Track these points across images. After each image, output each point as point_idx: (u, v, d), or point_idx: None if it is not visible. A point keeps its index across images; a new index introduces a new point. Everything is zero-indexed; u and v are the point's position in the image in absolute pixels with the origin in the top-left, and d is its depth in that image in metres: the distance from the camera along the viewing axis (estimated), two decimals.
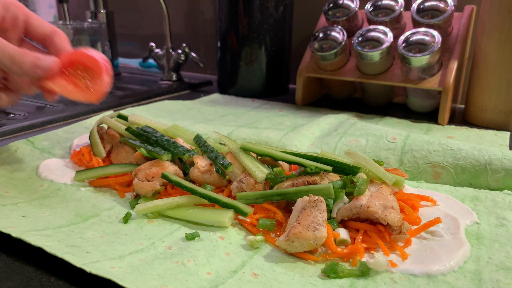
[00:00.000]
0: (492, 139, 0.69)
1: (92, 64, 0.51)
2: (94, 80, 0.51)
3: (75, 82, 0.51)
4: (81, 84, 0.51)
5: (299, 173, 0.47)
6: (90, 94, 0.51)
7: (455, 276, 0.35)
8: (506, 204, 0.47)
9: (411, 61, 0.74)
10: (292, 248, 0.38)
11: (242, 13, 0.93)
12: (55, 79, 0.51)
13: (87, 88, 0.51)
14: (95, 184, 0.51)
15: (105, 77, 0.51)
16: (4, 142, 0.66)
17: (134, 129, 0.56)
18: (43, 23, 0.53)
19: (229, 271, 0.36)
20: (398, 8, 0.82)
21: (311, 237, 0.37)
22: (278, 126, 0.75)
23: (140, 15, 1.39)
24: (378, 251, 0.39)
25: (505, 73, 0.72)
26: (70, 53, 0.52)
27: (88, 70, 0.51)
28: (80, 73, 0.51)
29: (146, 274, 0.34)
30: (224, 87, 1.02)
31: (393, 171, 0.48)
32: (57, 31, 0.53)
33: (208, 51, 1.28)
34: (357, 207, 0.40)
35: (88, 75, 0.51)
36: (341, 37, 0.82)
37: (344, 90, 0.96)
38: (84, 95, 0.51)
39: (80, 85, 0.51)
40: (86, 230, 0.41)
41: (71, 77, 0.51)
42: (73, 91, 0.51)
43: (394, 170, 0.48)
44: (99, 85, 0.51)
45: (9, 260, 0.37)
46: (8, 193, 0.48)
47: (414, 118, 0.82)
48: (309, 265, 0.37)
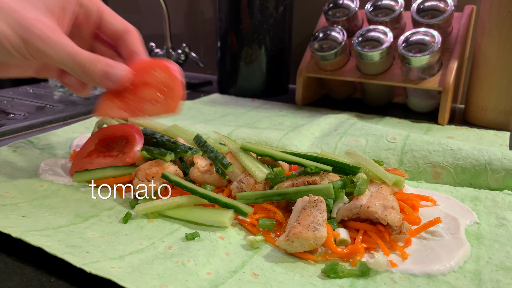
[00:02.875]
0: (492, 139, 0.69)
1: (165, 75, 0.47)
2: (167, 93, 0.48)
3: (144, 94, 0.48)
4: (152, 96, 0.48)
5: (299, 173, 0.47)
6: (161, 108, 0.47)
7: (455, 276, 0.35)
8: (506, 204, 0.47)
9: (411, 61, 0.74)
10: (292, 248, 0.38)
11: (242, 13, 0.93)
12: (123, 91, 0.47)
13: (157, 101, 0.47)
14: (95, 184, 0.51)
15: (180, 90, 0.47)
16: (4, 142, 0.66)
17: None
18: (116, 19, 0.51)
19: (229, 271, 0.36)
20: (398, 8, 0.82)
21: (311, 237, 0.37)
22: (278, 126, 0.75)
23: (140, 15, 1.39)
24: (378, 251, 0.39)
25: (505, 73, 0.72)
26: (142, 62, 0.49)
27: (160, 81, 0.48)
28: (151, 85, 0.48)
29: (146, 274, 0.34)
30: (224, 87, 1.02)
31: (393, 171, 0.48)
32: (129, 29, 0.51)
33: (208, 51, 1.28)
34: (357, 207, 0.40)
35: (161, 87, 0.48)
36: (341, 37, 0.82)
37: (344, 90, 0.96)
38: (154, 109, 0.47)
39: (150, 98, 0.48)
40: (86, 230, 0.41)
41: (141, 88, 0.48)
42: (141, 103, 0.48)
43: (394, 170, 0.48)
44: (172, 98, 0.47)
45: (9, 260, 0.37)
46: (8, 193, 0.48)
47: (414, 118, 0.82)
48: (309, 265, 0.37)
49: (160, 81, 0.48)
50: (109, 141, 0.55)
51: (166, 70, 0.48)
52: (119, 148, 0.53)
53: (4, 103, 0.86)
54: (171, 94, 0.48)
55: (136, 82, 0.48)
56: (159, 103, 0.47)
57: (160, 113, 0.47)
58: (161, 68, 0.48)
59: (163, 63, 0.49)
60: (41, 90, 0.98)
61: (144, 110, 0.47)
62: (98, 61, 0.45)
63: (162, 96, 0.48)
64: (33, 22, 0.42)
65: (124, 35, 0.51)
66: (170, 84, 0.48)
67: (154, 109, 0.47)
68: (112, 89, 0.48)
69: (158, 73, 0.48)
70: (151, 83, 0.48)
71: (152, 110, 0.47)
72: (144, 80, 0.48)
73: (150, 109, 0.47)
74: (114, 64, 0.46)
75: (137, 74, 0.48)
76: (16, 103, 0.86)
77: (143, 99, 0.48)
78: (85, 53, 0.45)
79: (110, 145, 0.54)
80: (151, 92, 0.48)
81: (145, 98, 0.48)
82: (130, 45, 0.50)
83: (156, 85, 0.48)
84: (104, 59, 0.46)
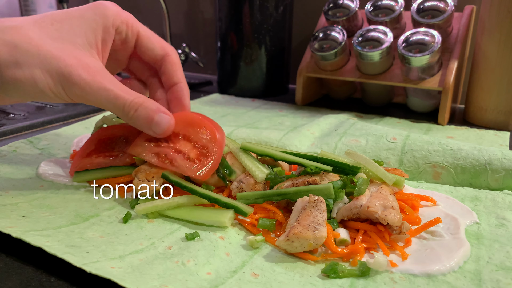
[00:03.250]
0: (492, 139, 0.69)
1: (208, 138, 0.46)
2: (204, 156, 0.45)
3: (180, 147, 0.46)
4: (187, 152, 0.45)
5: (299, 173, 0.47)
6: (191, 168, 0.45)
7: (455, 276, 0.35)
8: (506, 204, 0.47)
9: (411, 61, 0.74)
10: (292, 248, 0.38)
11: (242, 13, 0.93)
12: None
13: (190, 160, 0.45)
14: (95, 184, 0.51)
15: (218, 159, 0.45)
16: (4, 142, 0.66)
17: None
18: (153, 43, 0.49)
19: (229, 271, 0.36)
20: (398, 8, 0.82)
21: (311, 237, 0.37)
22: (278, 126, 0.75)
23: (140, 15, 1.39)
24: (378, 251, 0.39)
25: (505, 73, 0.72)
26: (189, 115, 0.47)
27: (202, 142, 0.46)
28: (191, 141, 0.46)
29: (146, 274, 0.34)
30: (224, 87, 1.02)
31: (393, 171, 0.48)
32: (168, 54, 0.49)
33: (208, 51, 1.28)
34: (357, 207, 0.40)
35: (200, 148, 0.46)
36: (341, 37, 0.82)
37: (344, 90, 0.96)
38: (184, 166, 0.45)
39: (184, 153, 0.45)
40: (86, 230, 0.41)
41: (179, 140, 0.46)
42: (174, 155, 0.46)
43: (394, 170, 0.48)
44: (206, 164, 0.44)
45: (9, 260, 0.37)
46: (8, 193, 0.48)
47: (414, 118, 0.82)
48: (309, 265, 0.37)
49: (201, 142, 0.47)
50: (109, 141, 0.55)
51: (212, 134, 0.47)
52: (119, 148, 0.53)
53: None
54: (207, 159, 0.46)
55: (176, 132, 0.47)
56: (191, 162, 0.45)
57: (188, 172, 0.45)
58: (208, 129, 0.47)
59: (211, 126, 0.47)
60: None
61: (174, 163, 0.46)
62: (141, 107, 0.44)
63: (197, 157, 0.46)
64: (72, 69, 0.42)
65: (163, 61, 0.49)
66: (210, 148, 0.46)
67: (184, 166, 0.45)
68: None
69: (202, 133, 0.47)
70: (191, 139, 0.47)
71: (182, 166, 0.45)
72: (186, 133, 0.47)
73: (181, 164, 0.45)
74: (158, 109, 0.45)
75: (181, 126, 0.47)
76: (16, 103, 0.86)
77: (178, 151, 0.46)
78: (127, 97, 0.44)
79: (110, 145, 0.54)
80: (188, 148, 0.47)
81: (180, 151, 0.46)
82: (171, 75, 0.49)
83: (195, 144, 0.47)
84: (147, 103, 0.44)
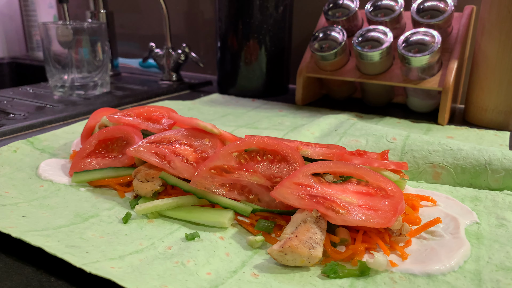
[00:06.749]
0: (492, 139, 0.69)
1: (210, 144, 0.48)
2: (203, 160, 0.47)
3: (180, 151, 0.48)
4: (187, 156, 0.47)
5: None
6: (189, 170, 0.46)
7: (455, 276, 0.35)
8: (506, 204, 0.47)
9: (411, 61, 0.74)
10: (283, 260, 0.37)
11: (242, 13, 0.93)
12: None
13: (188, 162, 0.46)
14: (94, 184, 0.51)
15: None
16: (4, 142, 0.66)
17: None
18: None
19: (229, 271, 0.36)
20: (398, 8, 0.82)
21: (305, 254, 0.36)
22: (278, 126, 0.75)
23: (140, 15, 1.39)
24: (378, 251, 0.39)
25: (505, 73, 0.72)
26: (191, 124, 0.51)
27: (202, 147, 0.49)
28: (191, 146, 0.49)
29: (146, 274, 0.34)
30: (224, 87, 1.02)
31: (394, 171, 0.48)
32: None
33: (208, 51, 1.28)
34: None
35: (200, 153, 0.48)
36: (341, 37, 0.82)
37: (344, 90, 0.96)
38: (182, 168, 0.46)
39: (184, 156, 0.47)
40: (86, 230, 0.41)
41: (180, 146, 0.49)
42: (174, 156, 0.47)
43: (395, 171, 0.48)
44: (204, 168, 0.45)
45: (9, 260, 0.37)
46: (8, 193, 0.48)
47: (414, 118, 0.82)
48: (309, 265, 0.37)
49: (202, 147, 0.49)
50: (108, 142, 0.55)
51: (214, 140, 0.49)
52: (119, 149, 0.53)
53: (4, 103, 0.86)
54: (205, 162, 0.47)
55: (178, 137, 0.50)
56: (189, 165, 0.46)
57: (185, 174, 0.46)
58: (209, 136, 0.50)
59: (217, 136, 0.50)
60: (41, 90, 0.98)
61: (173, 164, 0.46)
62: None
63: (196, 160, 0.47)
64: None
65: None
66: (209, 153, 0.48)
67: (181, 168, 0.46)
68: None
69: (205, 139, 0.49)
70: (193, 145, 0.49)
71: (179, 168, 0.46)
72: (188, 141, 0.50)
73: (179, 166, 0.46)
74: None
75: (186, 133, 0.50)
76: (16, 103, 0.86)
77: (177, 154, 0.48)
78: None
79: (110, 146, 0.54)
80: (188, 152, 0.48)
81: (179, 154, 0.48)
82: None
83: (196, 149, 0.49)
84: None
